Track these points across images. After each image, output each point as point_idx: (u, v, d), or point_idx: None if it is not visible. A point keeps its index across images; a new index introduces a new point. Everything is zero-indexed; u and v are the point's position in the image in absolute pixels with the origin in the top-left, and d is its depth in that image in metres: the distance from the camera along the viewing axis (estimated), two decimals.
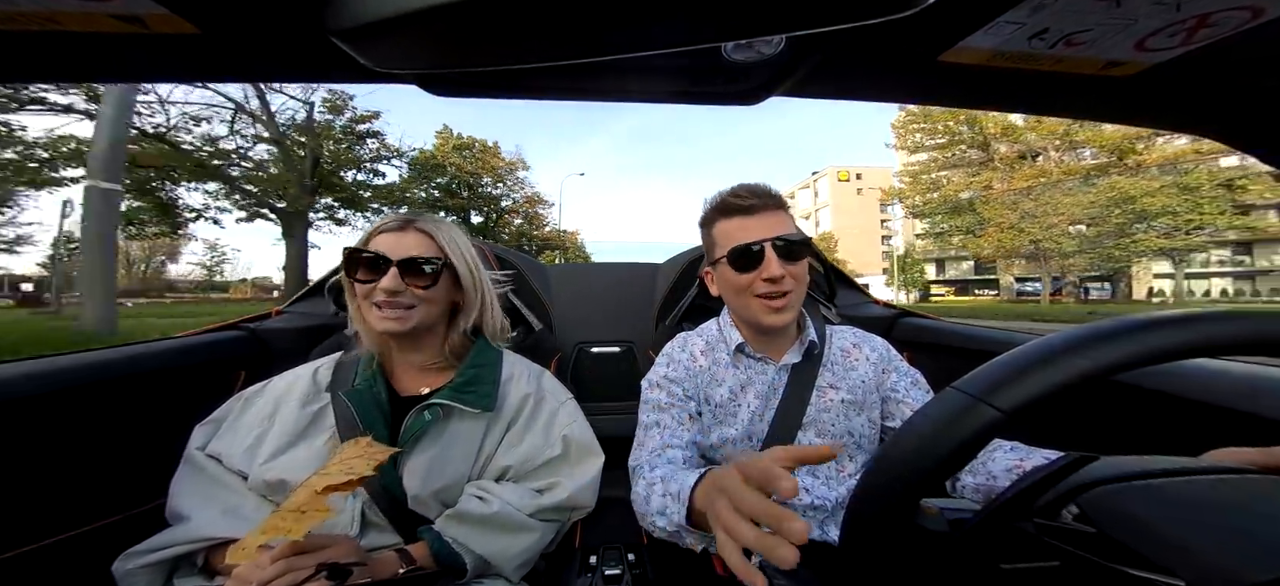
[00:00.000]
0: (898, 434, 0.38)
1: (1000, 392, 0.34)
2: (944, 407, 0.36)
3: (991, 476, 0.71)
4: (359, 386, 0.83)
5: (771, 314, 0.82)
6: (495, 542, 0.79)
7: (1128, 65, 0.54)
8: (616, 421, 1.43)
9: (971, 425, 0.34)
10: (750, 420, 0.86)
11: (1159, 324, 0.34)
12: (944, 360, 1.23)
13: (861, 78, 0.62)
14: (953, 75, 0.58)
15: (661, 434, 0.82)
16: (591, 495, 0.91)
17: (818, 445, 0.45)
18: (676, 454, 0.79)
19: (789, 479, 0.39)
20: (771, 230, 0.81)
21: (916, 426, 0.37)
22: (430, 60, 0.45)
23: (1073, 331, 0.36)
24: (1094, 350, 0.34)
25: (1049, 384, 0.33)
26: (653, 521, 0.68)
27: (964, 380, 0.37)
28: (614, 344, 1.53)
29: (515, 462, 0.86)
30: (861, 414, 0.87)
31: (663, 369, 0.91)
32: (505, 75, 0.57)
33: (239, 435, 0.81)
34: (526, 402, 0.90)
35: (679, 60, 0.59)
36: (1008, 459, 0.71)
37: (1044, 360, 0.34)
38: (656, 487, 0.68)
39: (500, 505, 0.80)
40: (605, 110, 50.76)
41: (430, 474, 0.79)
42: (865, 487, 0.40)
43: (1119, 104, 0.63)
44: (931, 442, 0.36)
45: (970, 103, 0.66)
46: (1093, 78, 0.56)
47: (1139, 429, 0.85)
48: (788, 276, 0.80)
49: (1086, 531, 0.37)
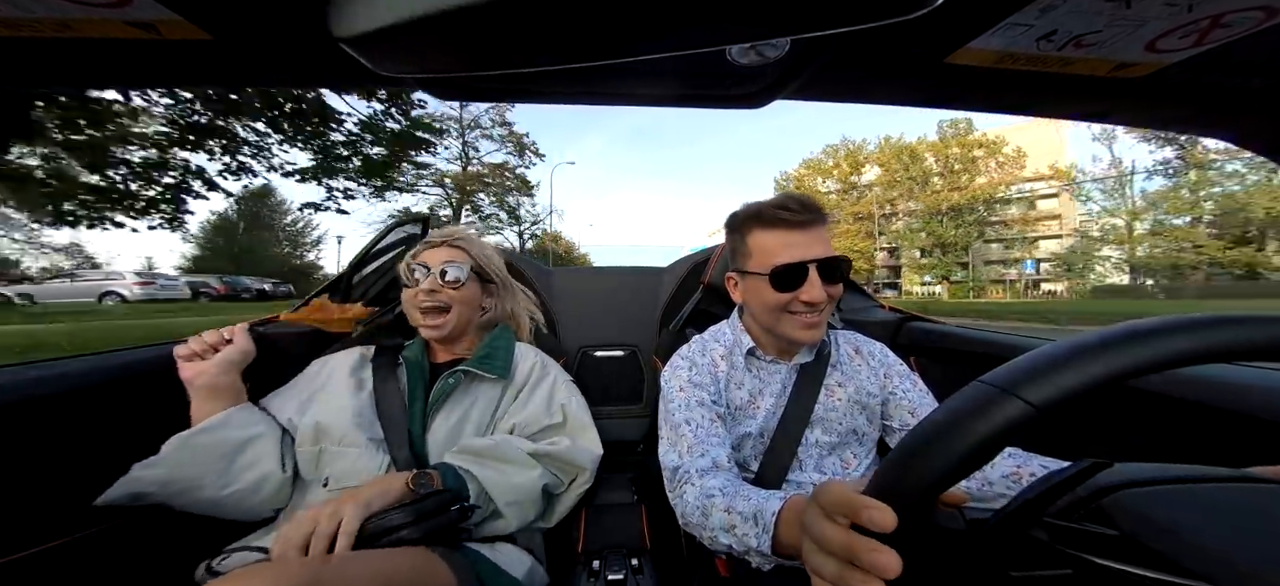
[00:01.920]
0: (919, 425, 0.37)
1: (1032, 386, 0.32)
2: (969, 400, 0.35)
3: (987, 482, 0.71)
4: (409, 356, 1.00)
5: (806, 331, 0.81)
6: (494, 472, 0.84)
7: (1138, 66, 0.53)
8: (621, 425, 1.42)
9: (1000, 419, 0.32)
10: (764, 418, 0.86)
11: (1228, 322, 0.32)
12: (954, 365, 1.21)
13: (867, 81, 0.62)
14: (960, 77, 0.57)
15: (694, 431, 0.80)
16: (590, 462, 0.98)
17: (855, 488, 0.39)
18: (720, 453, 0.77)
19: (881, 508, 0.35)
20: (815, 249, 0.79)
21: (939, 418, 0.36)
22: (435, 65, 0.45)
23: (1120, 327, 0.34)
24: (1157, 342, 0.32)
25: (1090, 378, 0.32)
26: (712, 535, 0.65)
27: (992, 374, 0.35)
28: (618, 348, 1.52)
29: (519, 422, 0.96)
30: (864, 413, 0.88)
31: (686, 372, 0.89)
32: (509, 78, 0.58)
33: (291, 394, 0.96)
34: (533, 371, 1.04)
35: (684, 63, 0.59)
36: (1006, 464, 0.70)
37: (1086, 352, 0.33)
38: (717, 500, 0.65)
39: (502, 438, 0.92)
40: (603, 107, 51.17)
41: (452, 434, 0.91)
42: (883, 480, 0.39)
43: (1130, 105, 0.62)
44: (955, 435, 0.34)
45: (978, 105, 0.66)
46: (1103, 79, 0.56)
47: (1156, 438, 0.83)
48: (826, 298, 0.79)
49: (1106, 535, 0.36)
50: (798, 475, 0.85)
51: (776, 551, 0.55)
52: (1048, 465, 0.68)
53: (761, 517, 0.57)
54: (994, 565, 0.41)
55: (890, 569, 0.34)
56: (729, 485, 0.68)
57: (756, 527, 0.58)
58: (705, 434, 0.80)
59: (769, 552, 0.56)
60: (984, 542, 0.42)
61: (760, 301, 0.84)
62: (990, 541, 0.42)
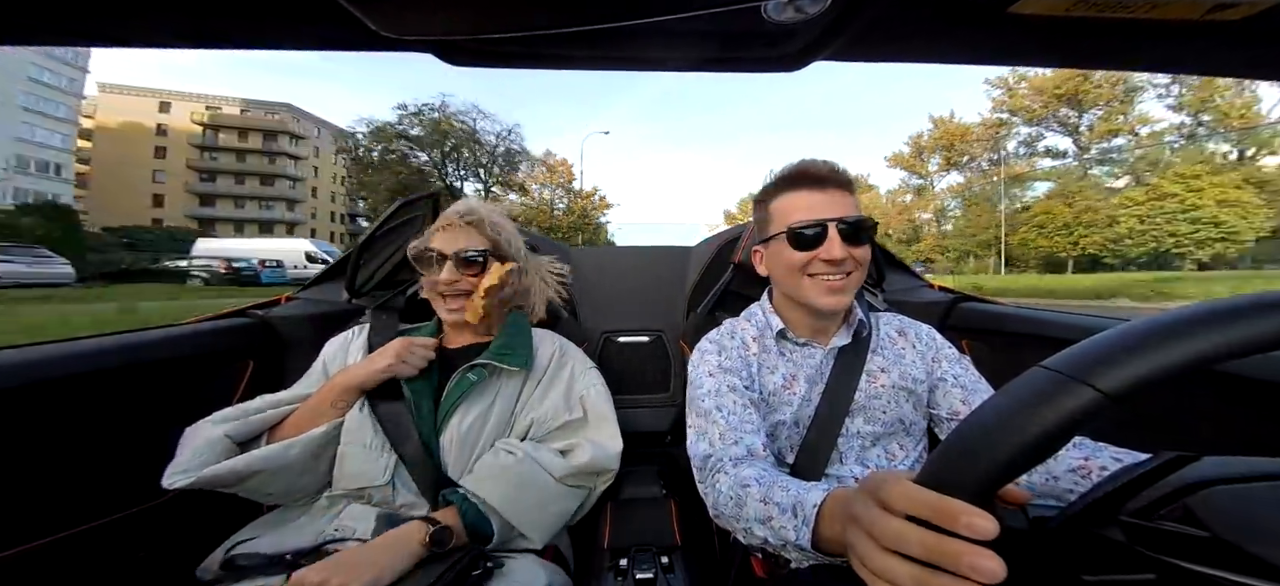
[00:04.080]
0: (976, 412, 0.34)
1: (1103, 372, 0.29)
2: (1033, 386, 0.32)
3: (1052, 476, 0.65)
4: None
5: (827, 294, 0.78)
6: (521, 500, 0.80)
7: (1238, 7, 0.46)
8: (648, 415, 1.38)
9: (1068, 408, 0.30)
10: (799, 405, 0.82)
11: None
12: (1012, 349, 1.12)
13: (919, 37, 0.56)
14: (1025, 29, 0.51)
15: (726, 418, 0.76)
16: (614, 459, 0.93)
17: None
18: (755, 441, 0.74)
19: (982, 515, 0.31)
20: (836, 209, 0.77)
21: (1000, 405, 0.33)
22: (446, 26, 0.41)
23: (1206, 305, 0.30)
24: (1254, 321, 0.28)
25: (1171, 361, 0.29)
26: (747, 528, 0.62)
27: (1056, 358, 0.33)
28: (643, 333, 1.46)
29: (537, 417, 0.91)
30: (910, 400, 0.82)
31: (715, 357, 0.86)
32: (525, 42, 0.53)
33: (308, 386, 0.93)
34: (553, 358, 0.99)
35: (713, 22, 0.53)
36: (1072, 456, 0.64)
37: (1170, 333, 0.29)
38: (753, 490, 0.62)
39: (526, 458, 0.84)
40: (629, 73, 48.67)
41: (471, 432, 0.86)
42: (935, 471, 0.36)
43: (1226, 54, 0.55)
44: (1017, 425, 0.31)
45: (1045, 60, 0.59)
46: (1195, 23, 0.49)
47: (1229, 426, 0.75)
48: (850, 258, 0.77)
49: (1193, 536, 0.33)
50: (838, 468, 0.81)
51: (817, 547, 0.52)
52: (1120, 457, 0.62)
53: (801, 509, 0.54)
54: (1062, 567, 0.38)
55: (997, 574, 0.30)
56: (766, 474, 0.64)
57: (795, 519, 0.54)
58: (738, 421, 0.76)
59: (809, 548, 0.52)
60: (1050, 543, 0.39)
61: (782, 266, 0.81)
62: (1057, 541, 0.39)
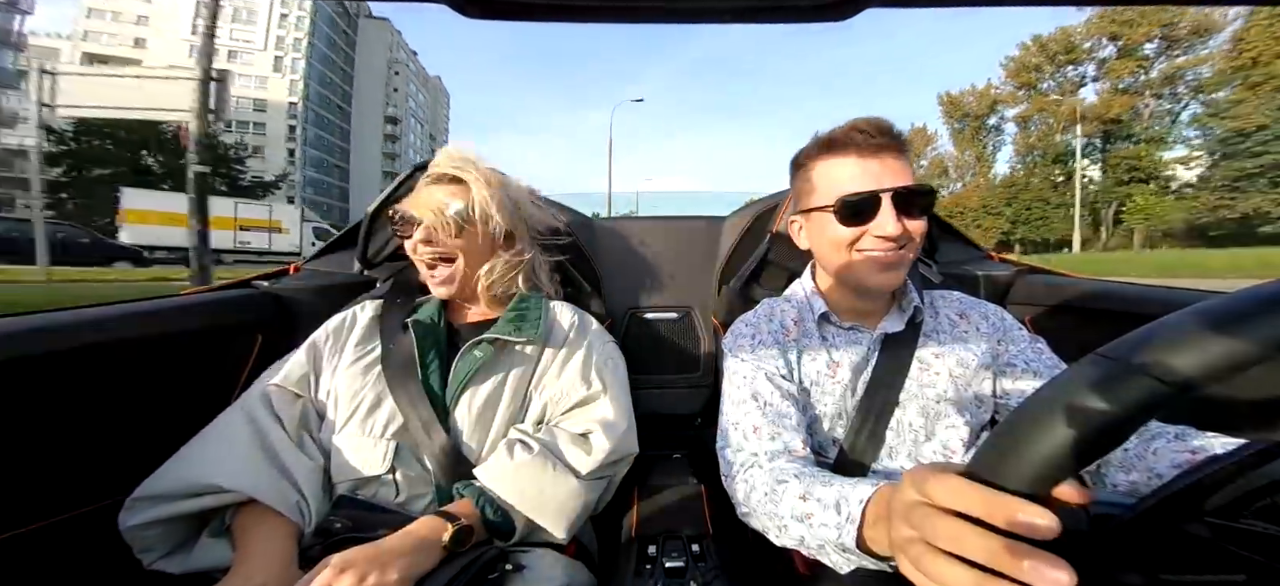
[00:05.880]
0: (1024, 404, 0.32)
1: (1166, 358, 0.27)
2: (1083, 375, 0.29)
3: (1155, 474, 0.57)
4: (422, 317, 0.86)
5: (880, 271, 0.71)
6: (542, 497, 0.74)
7: None
8: (676, 396, 1.32)
9: (1128, 399, 0.27)
10: (841, 396, 0.76)
11: None
12: (1084, 328, 1.02)
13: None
14: None
15: (762, 410, 0.72)
16: (633, 440, 0.86)
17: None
18: (794, 439, 0.69)
19: (1041, 512, 0.29)
20: (889, 177, 0.69)
21: (1044, 394, 0.31)
22: None
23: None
24: None
25: (1247, 349, 0.25)
26: (782, 525, 0.58)
27: (1114, 345, 0.30)
28: (670, 309, 1.37)
29: (553, 396, 0.84)
30: (971, 389, 0.75)
31: (749, 342, 0.80)
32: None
33: (304, 363, 0.83)
34: (572, 329, 0.91)
35: None
36: (1175, 452, 0.56)
37: (1245, 315, 0.26)
38: (791, 485, 0.58)
39: (544, 452, 0.76)
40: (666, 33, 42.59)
41: (483, 413, 0.80)
42: (984, 464, 0.33)
43: None
44: (1067, 418, 0.29)
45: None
46: None
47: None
48: (904, 232, 0.69)
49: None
50: (887, 464, 0.74)
51: (861, 547, 0.47)
52: (1230, 446, 0.58)
53: (846, 505, 0.49)
54: (1137, 565, 0.35)
55: (1066, 583, 0.27)
56: (806, 469, 0.60)
57: (839, 517, 0.49)
58: (774, 414, 0.71)
59: (852, 547, 0.47)
60: (1119, 540, 0.36)
61: (827, 241, 0.75)
62: (1129, 538, 0.36)
